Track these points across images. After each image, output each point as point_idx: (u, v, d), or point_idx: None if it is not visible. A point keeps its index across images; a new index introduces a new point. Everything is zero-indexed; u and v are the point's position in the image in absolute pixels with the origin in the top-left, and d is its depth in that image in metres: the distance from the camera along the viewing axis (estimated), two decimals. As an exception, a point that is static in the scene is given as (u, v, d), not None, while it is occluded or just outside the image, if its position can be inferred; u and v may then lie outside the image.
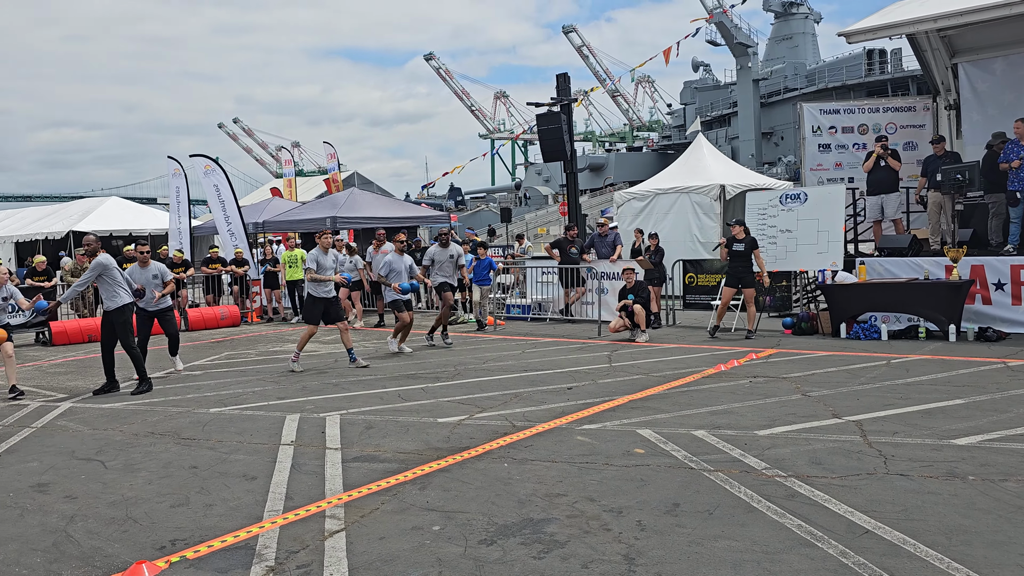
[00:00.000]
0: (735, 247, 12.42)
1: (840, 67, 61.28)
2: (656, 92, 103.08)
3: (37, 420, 8.06)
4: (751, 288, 12.36)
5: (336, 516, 4.93)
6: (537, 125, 18.93)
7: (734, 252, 12.42)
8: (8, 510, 5.29)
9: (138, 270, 10.41)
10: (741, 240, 12.39)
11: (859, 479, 5.27)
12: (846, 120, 16.19)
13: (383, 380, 9.64)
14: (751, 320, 12.35)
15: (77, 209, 31.36)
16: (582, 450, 6.21)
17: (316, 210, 20.00)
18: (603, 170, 78.31)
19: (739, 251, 12.38)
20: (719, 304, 12.72)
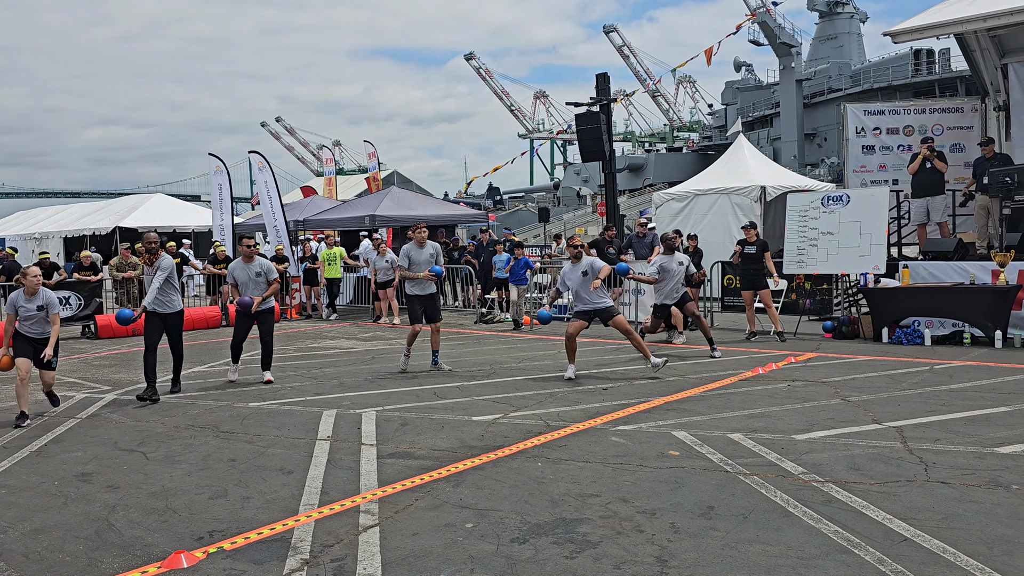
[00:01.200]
0: (747, 250, 12.47)
1: (886, 67, 60.14)
2: (697, 92, 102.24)
3: (82, 411, 8.25)
4: (765, 289, 12.38)
5: (370, 511, 4.97)
6: (576, 125, 18.92)
7: (746, 255, 12.48)
8: (53, 498, 5.43)
9: (241, 266, 9.60)
10: (753, 243, 12.45)
11: (898, 486, 5.18)
12: (891, 121, 15.90)
13: (419, 378, 9.69)
14: (774, 321, 12.23)
15: (123, 205, 32.08)
16: (616, 451, 6.19)
17: (356, 208, 20.19)
18: (642, 170, 77.81)
19: (751, 254, 12.47)
20: (747, 309, 12.70)
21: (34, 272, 7.85)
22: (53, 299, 7.83)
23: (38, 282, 7.79)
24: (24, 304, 7.71)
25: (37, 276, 7.83)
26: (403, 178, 62.63)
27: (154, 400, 8.50)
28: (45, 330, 7.81)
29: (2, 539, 4.68)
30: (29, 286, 7.71)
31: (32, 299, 7.73)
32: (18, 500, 5.39)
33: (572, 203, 74.38)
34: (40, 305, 7.75)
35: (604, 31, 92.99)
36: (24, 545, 4.58)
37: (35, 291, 7.73)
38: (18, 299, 7.74)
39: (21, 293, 7.75)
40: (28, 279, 7.74)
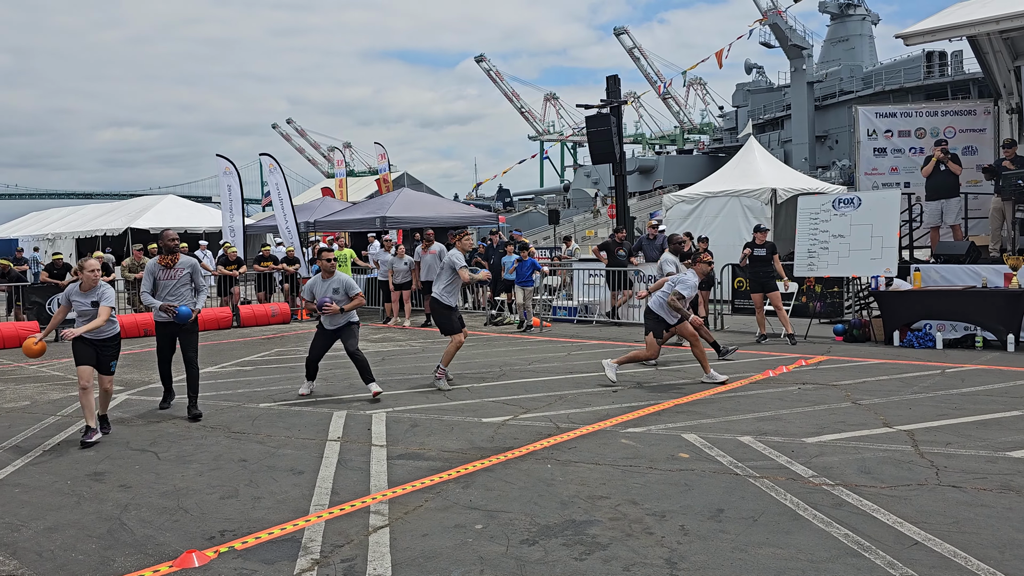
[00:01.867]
0: (756, 252, 12.41)
1: (898, 69, 59.88)
2: (708, 94, 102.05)
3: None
4: (775, 292, 12.31)
5: (380, 512, 4.99)
6: (586, 127, 18.90)
7: (755, 257, 12.43)
8: (66, 497, 5.47)
9: (320, 282, 8.79)
10: (762, 245, 12.40)
11: (909, 489, 5.17)
12: (903, 124, 15.84)
13: (429, 379, 9.71)
14: (785, 323, 12.15)
15: (135, 207, 32.27)
16: (626, 453, 6.19)
17: (366, 210, 20.25)
18: (652, 173, 77.71)
19: (760, 256, 12.40)
20: (756, 312, 12.66)
21: (92, 265, 6.97)
22: (108, 293, 7.01)
23: (96, 277, 6.96)
24: (78, 299, 6.97)
25: (95, 270, 6.96)
26: (413, 180, 62.72)
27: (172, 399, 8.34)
28: (103, 330, 6.98)
29: (16, 537, 4.72)
30: (86, 280, 6.94)
31: (88, 294, 6.96)
32: (31, 499, 5.43)
33: (582, 205, 74.34)
34: (95, 300, 6.92)
35: (615, 33, 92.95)
36: (37, 543, 4.61)
37: (92, 286, 6.94)
38: (72, 292, 7.02)
39: (76, 287, 7.00)
40: (85, 273, 6.94)
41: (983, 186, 14.18)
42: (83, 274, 6.95)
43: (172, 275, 7.88)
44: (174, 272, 7.88)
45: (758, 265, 12.43)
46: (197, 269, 7.99)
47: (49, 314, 14.77)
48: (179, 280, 7.89)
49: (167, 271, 7.86)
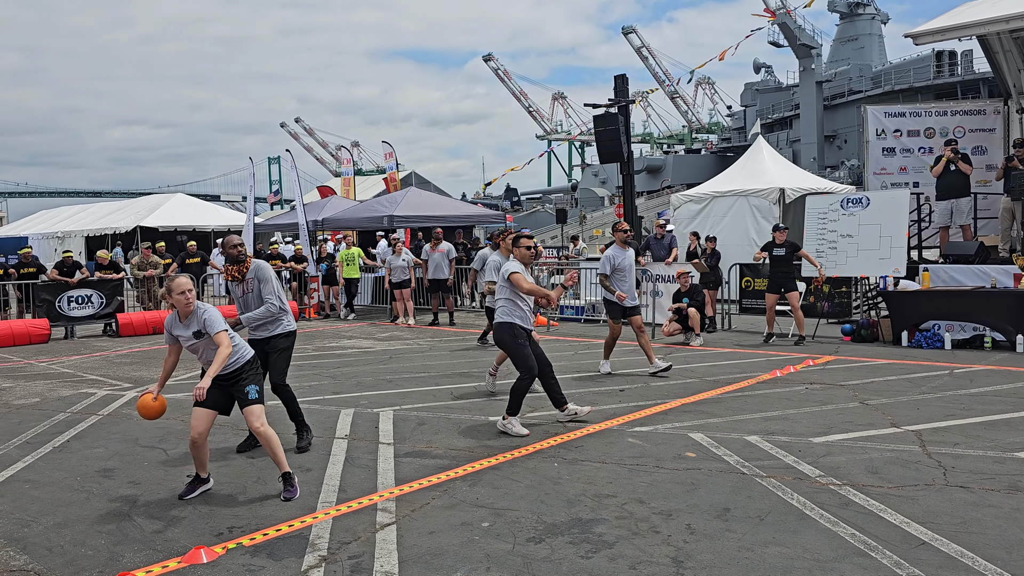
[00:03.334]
0: (775, 252, 12.25)
1: (907, 69, 59.69)
2: (716, 94, 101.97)
3: (103, 408, 8.35)
4: (794, 292, 12.18)
5: (388, 509, 5.01)
6: (594, 126, 18.88)
7: (775, 257, 12.26)
8: (75, 493, 5.50)
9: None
10: (781, 245, 12.20)
11: (917, 490, 5.16)
12: (912, 123, 15.78)
13: (436, 377, 9.73)
14: (799, 325, 12.08)
15: (144, 205, 32.39)
16: (633, 452, 6.19)
17: (374, 209, 20.28)
18: (660, 172, 77.64)
19: (780, 256, 12.19)
20: (767, 312, 12.53)
21: (180, 286, 5.32)
22: (212, 317, 5.39)
23: (190, 300, 5.32)
24: (181, 332, 5.42)
25: (186, 292, 5.32)
26: (421, 179, 62.79)
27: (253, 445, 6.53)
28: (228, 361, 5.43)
29: (26, 532, 4.76)
30: (180, 307, 5.35)
31: (188, 323, 5.39)
32: (41, 495, 5.47)
33: (590, 204, 74.29)
34: (198, 331, 5.38)
35: (623, 32, 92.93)
36: (47, 539, 4.65)
37: (188, 312, 5.35)
38: (172, 326, 5.46)
39: (174, 319, 5.44)
40: (175, 297, 5.31)
41: (993, 186, 14.12)
42: (172, 299, 5.33)
43: (245, 288, 6.55)
44: (246, 284, 6.53)
45: (778, 265, 12.23)
46: (265, 276, 6.52)
47: (59, 312, 14.86)
48: (253, 291, 6.53)
49: (237, 284, 6.57)
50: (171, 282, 5.36)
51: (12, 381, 10.19)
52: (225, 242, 6.55)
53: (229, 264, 6.49)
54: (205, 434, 5.29)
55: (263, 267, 6.51)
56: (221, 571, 4.13)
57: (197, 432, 5.25)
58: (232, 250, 6.48)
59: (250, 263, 6.49)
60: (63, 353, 12.90)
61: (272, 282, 6.51)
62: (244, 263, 6.47)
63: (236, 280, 6.50)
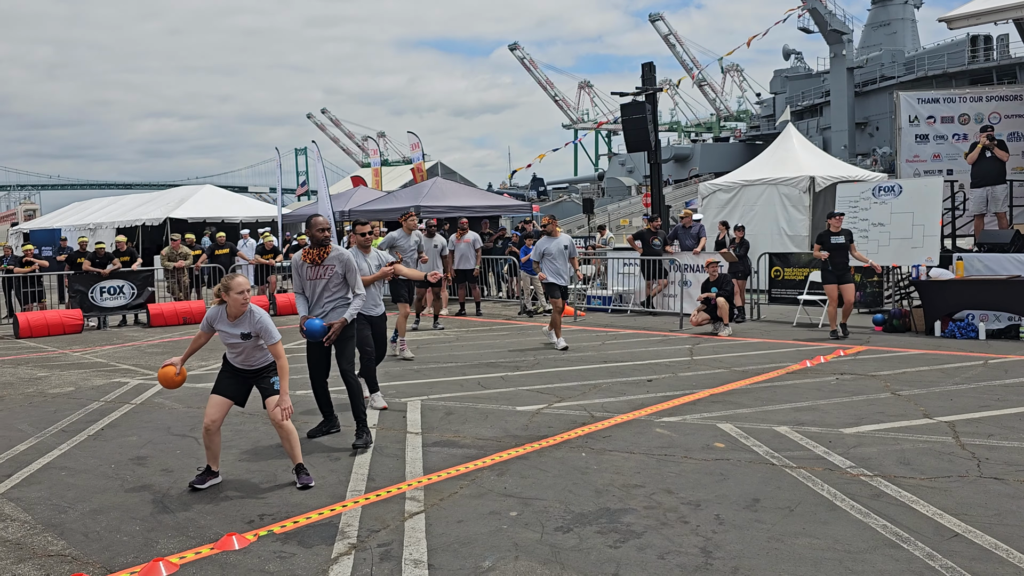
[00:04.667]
0: (833, 240, 11.50)
1: (941, 54, 58.60)
2: (745, 81, 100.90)
3: (136, 397, 8.48)
4: (850, 284, 11.56)
5: (416, 498, 5.04)
6: (621, 115, 18.79)
7: (833, 246, 11.50)
8: (110, 480, 5.60)
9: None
10: (838, 232, 11.52)
11: (950, 481, 5.09)
12: (946, 109, 15.51)
13: (463, 368, 9.76)
14: (846, 316, 11.60)
15: (174, 197, 32.74)
16: (661, 442, 6.17)
17: (400, 199, 20.35)
18: (688, 161, 77.08)
19: (839, 244, 11.48)
20: (828, 306, 11.80)
21: (240, 286, 5.29)
22: (268, 326, 5.36)
23: (246, 300, 5.30)
24: (225, 328, 5.35)
25: (244, 292, 5.29)
26: (447, 169, 62.86)
27: (335, 430, 6.73)
28: (256, 359, 5.48)
29: (63, 519, 4.85)
30: (232, 306, 5.29)
31: (237, 323, 5.34)
32: (77, 482, 5.57)
33: (617, 193, 73.98)
34: (246, 332, 5.32)
35: (650, 20, 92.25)
36: (84, 525, 4.74)
37: (241, 312, 5.32)
38: (217, 319, 5.38)
39: (222, 312, 5.34)
40: (232, 296, 5.27)
41: (1029, 173, 13.86)
42: (229, 297, 5.28)
43: (321, 273, 6.31)
44: (323, 270, 6.30)
45: (836, 254, 11.49)
46: (351, 265, 6.36)
47: (92, 303, 15.09)
48: (330, 279, 6.32)
49: (314, 268, 6.31)
50: (230, 280, 5.31)
51: (48, 370, 10.38)
52: (312, 223, 6.32)
53: (312, 247, 6.32)
54: (219, 422, 5.36)
55: (348, 257, 6.35)
56: (252, 557, 4.19)
57: (211, 419, 5.32)
58: (319, 233, 6.28)
59: (331, 249, 6.31)
60: (96, 343, 13.11)
61: (357, 272, 6.45)
62: (326, 248, 6.30)
63: (315, 263, 6.30)
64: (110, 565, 4.14)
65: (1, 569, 4.12)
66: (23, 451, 6.41)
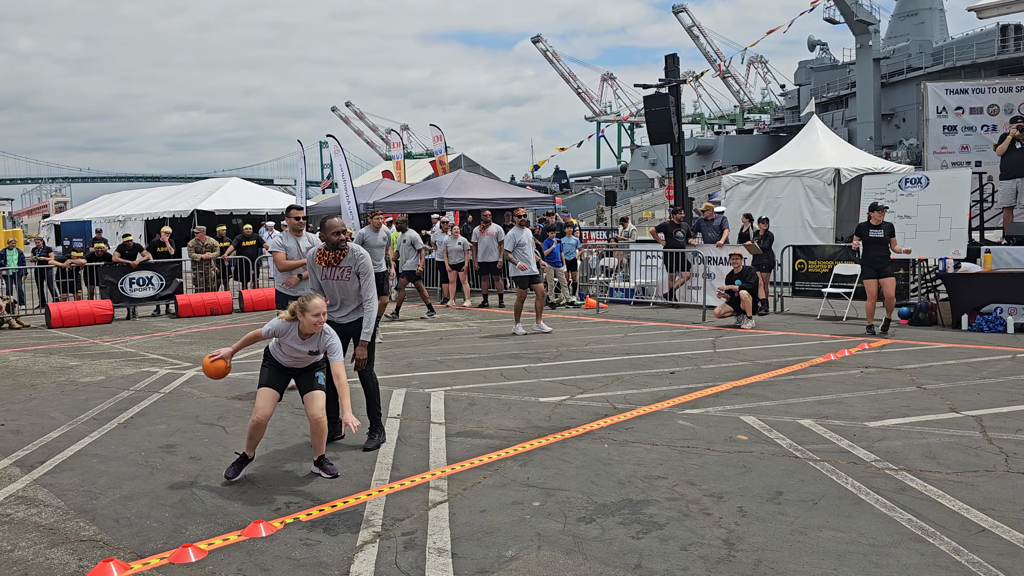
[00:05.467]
0: (872, 233, 11.10)
1: (970, 44, 57.66)
2: (769, 73, 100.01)
3: (165, 386, 8.60)
4: (890, 278, 11.09)
5: (440, 488, 5.08)
6: (644, 107, 18.70)
7: (872, 239, 11.09)
8: (140, 468, 5.69)
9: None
10: (879, 226, 11.10)
11: (977, 476, 5.05)
12: (975, 100, 15.29)
13: (486, 359, 9.80)
14: (889, 312, 11.12)
15: (201, 189, 33.05)
16: (683, 434, 6.17)
17: (423, 191, 20.40)
18: (711, 153, 76.54)
19: (878, 238, 11.07)
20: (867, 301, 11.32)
21: (317, 308, 5.19)
22: (336, 345, 5.37)
23: (319, 323, 5.24)
24: (294, 344, 5.33)
25: (320, 315, 5.20)
26: (470, 161, 62.83)
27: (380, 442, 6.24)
28: (307, 362, 5.47)
29: (95, 505, 4.95)
30: (306, 327, 5.22)
31: (307, 342, 5.33)
32: (108, 469, 5.68)
33: (640, 186, 73.67)
34: (314, 351, 5.38)
35: (673, 11, 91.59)
36: (114, 511, 4.83)
37: (312, 333, 5.29)
38: (286, 334, 5.32)
39: (293, 329, 5.29)
40: (309, 317, 5.18)
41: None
42: (304, 318, 5.18)
43: (337, 275, 6.09)
44: (339, 271, 6.07)
45: (874, 248, 11.10)
46: (365, 269, 6.07)
47: (122, 293, 15.30)
48: (349, 281, 6.10)
49: (329, 269, 6.09)
50: (308, 301, 5.22)
51: (79, 360, 10.55)
52: (328, 226, 6.07)
53: (328, 249, 6.07)
54: (270, 416, 5.36)
55: (365, 260, 6.08)
56: (279, 544, 4.25)
57: (264, 414, 5.28)
58: (335, 236, 6.03)
59: (347, 251, 6.07)
60: (126, 333, 13.29)
61: (372, 276, 6.18)
62: (343, 251, 6.05)
63: (330, 265, 6.06)
64: (140, 550, 4.22)
65: (35, 553, 4.22)
66: (55, 438, 6.53)
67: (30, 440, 6.50)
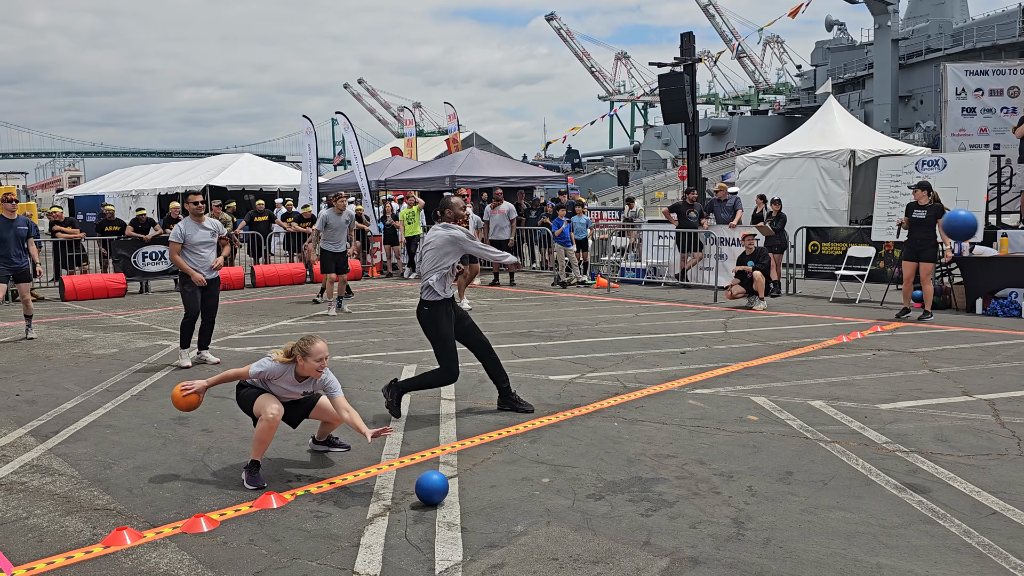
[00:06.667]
0: (915, 214, 10.63)
1: (991, 25, 56.81)
2: (785, 53, 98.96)
3: (177, 359, 8.64)
4: (930, 263, 10.71)
5: (449, 463, 5.10)
6: (659, 86, 18.54)
7: (914, 220, 10.64)
8: (153, 439, 5.74)
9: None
10: (924, 207, 10.60)
11: (988, 459, 5.03)
12: (995, 82, 15.07)
13: (496, 337, 9.80)
14: (927, 298, 10.85)
15: (213, 165, 33.11)
16: (694, 414, 6.17)
17: (435, 169, 20.35)
18: (725, 134, 75.94)
19: (920, 219, 10.58)
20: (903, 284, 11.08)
21: (321, 353, 4.78)
22: (334, 383, 4.95)
23: (321, 369, 4.82)
24: (287, 387, 4.91)
25: (323, 359, 4.80)
26: (482, 140, 62.65)
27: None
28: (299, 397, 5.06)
29: (108, 474, 4.99)
30: (309, 372, 4.82)
31: (304, 383, 4.94)
32: (121, 440, 5.73)
33: (652, 166, 73.27)
34: (308, 391, 5.03)
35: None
36: (128, 481, 4.87)
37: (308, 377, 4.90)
38: (280, 377, 4.86)
39: (289, 371, 4.84)
40: (311, 362, 4.77)
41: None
42: (306, 362, 4.77)
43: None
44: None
45: (917, 229, 10.64)
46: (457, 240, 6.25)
47: (135, 267, 15.36)
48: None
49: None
50: (310, 345, 4.75)
51: (92, 332, 10.62)
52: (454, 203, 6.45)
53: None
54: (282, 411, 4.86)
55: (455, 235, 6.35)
56: (290, 516, 4.28)
57: (279, 408, 4.81)
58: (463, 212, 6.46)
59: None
60: (138, 307, 13.36)
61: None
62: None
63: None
64: (153, 520, 4.26)
65: (49, 521, 4.27)
66: (70, 409, 6.59)
67: (45, 410, 6.56)
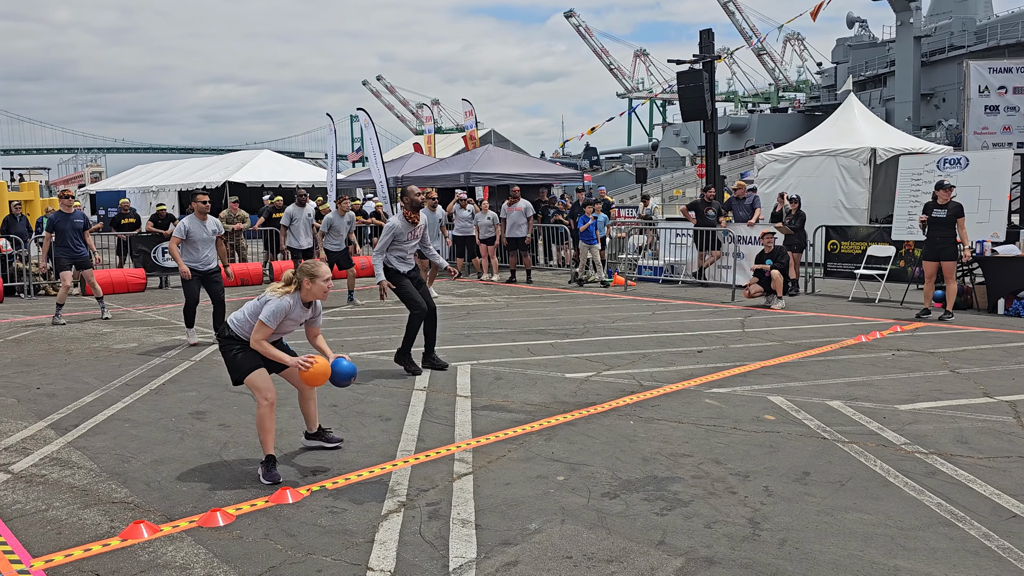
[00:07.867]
0: (935, 213, 10.56)
1: (1015, 22, 56.09)
2: (805, 50, 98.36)
3: (196, 354, 8.72)
4: (951, 262, 10.61)
5: (464, 460, 5.10)
6: (678, 83, 18.46)
7: (934, 219, 10.57)
8: (171, 433, 5.78)
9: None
10: (943, 206, 10.53)
11: (1009, 461, 4.97)
12: (1019, 80, 14.90)
13: (513, 334, 9.80)
14: (950, 298, 10.78)
15: (233, 161, 33.33)
16: (710, 413, 6.14)
17: (452, 166, 20.36)
18: (744, 132, 75.51)
19: (940, 218, 10.52)
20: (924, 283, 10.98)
21: (327, 273, 4.90)
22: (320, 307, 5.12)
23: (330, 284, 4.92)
24: (296, 317, 4.96)
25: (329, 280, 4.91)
26: (500, 137, 62.60)
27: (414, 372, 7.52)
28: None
29: (126, 468, 5.03)
30: (319, 294, 4.87)
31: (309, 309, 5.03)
32: (139, 433, 5.77)
33: (671, 164, 73.00)
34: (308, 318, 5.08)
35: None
36: (145, 475, 4.91)
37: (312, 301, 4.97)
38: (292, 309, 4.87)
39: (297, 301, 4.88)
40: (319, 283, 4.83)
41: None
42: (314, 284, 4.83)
43: (415, 233, 7.67)
44: (416, 231, 7.68)
45: (937, 228, 10.55)
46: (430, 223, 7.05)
47: (155, 262, 15.49)
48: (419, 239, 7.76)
49: (410, 228, 7.60)
50: (317, 268, 4.80)
51: (112, 327, 10.72)
52: (409, 190, 7.62)
53: (410, 210, 7.55)
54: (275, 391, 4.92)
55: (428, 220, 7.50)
56: (305, 511, 4.30)
57: (274, 392, 4.89)
58: (417, 197, 7.60)
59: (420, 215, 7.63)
60: (158, 302, 13.47)
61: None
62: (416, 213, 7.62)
63: (412, 224, 7.60)
64: (170, 513, 4.29)
65: (68, 513, 4.31)
66: (89, 403, 6.65)
67: (64, 404, 6.63)
